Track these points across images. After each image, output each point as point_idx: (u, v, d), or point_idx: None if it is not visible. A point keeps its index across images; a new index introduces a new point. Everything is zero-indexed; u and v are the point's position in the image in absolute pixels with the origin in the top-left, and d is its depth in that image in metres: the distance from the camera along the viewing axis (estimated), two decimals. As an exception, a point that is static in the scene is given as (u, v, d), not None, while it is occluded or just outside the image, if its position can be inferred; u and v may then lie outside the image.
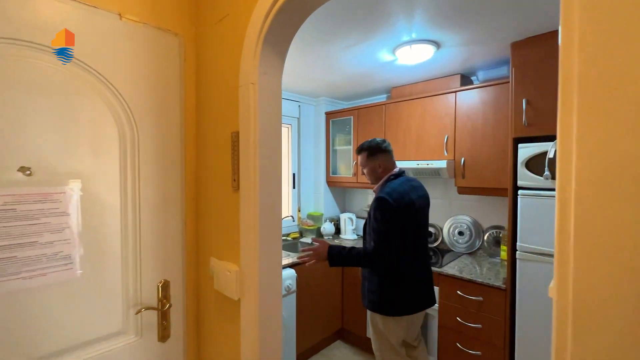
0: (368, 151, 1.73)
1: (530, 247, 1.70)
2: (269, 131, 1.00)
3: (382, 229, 1.54)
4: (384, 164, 1.70)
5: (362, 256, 1.60)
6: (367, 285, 1.70)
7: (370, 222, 1.63)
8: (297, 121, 3.17)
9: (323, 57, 2.09)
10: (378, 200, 1.57)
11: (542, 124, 1.69)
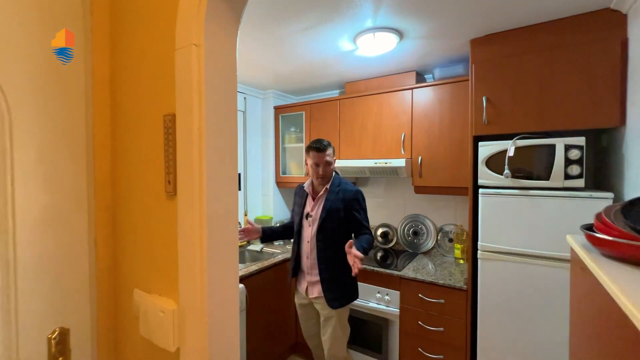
0: (332, 148, 1.82)
1: (491, 246, 1.69)
2: (220, 112, 0.73)
3: (367, 215, 1.84)
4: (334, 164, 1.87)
5: (370, 243, 1.76)
6: (338, 281, 1.76)
7: (347, 213, 1.79)
8: (242, 115, 2.84)
9: (276, 40, 1.84)
10: (358, 192, 1.84)
11: (502, 122, 1.68)
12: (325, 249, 1.76)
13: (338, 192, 1.79)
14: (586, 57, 1.48)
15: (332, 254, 1.75)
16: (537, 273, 1.56)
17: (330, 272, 1.75)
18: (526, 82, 1.61)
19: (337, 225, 1.76)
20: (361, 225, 1.79)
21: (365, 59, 2.09)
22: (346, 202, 1.77)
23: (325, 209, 1.77)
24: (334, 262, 1.75)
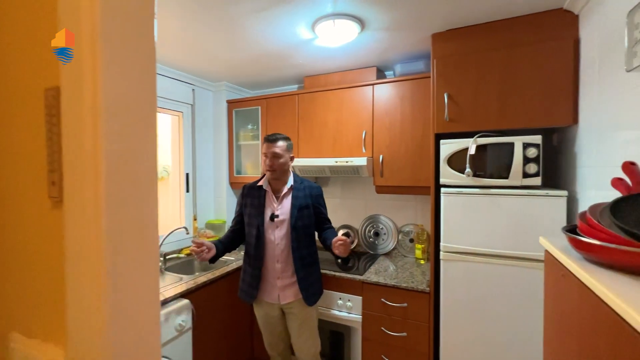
0: (287, 142, 1.74)
1: (453, 246, 1.64)
2: (128, 80, 0.53)
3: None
4: (292, 160, 1.78)
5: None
6: (308, 279, 1.74)
7: (314, 209, 1.80)
8: (190, 109, 2.56)
9: (226, 23, 1.63)
10: (320, 188, 1.86)
11: (463, 120, 1.65)
12: (299, 249, 1.72)
13: (304, 189, 1.77)
14: (542, 55, 1.48)
15: (305, 252, 1.74)
16: (500, 273, 1.54)
17: (305, 269, 1.73)
18: (487, 79, 1.58)
19: (308, 222, 1.75)
20: (326, 219, 1.85)
21: (325, 49, 1.96)
22: (313, 198, 1.78)
23: (295, 207, 1.71)
24: (308, 259, 1.76)
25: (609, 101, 1.16)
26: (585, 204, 1.38)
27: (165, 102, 2.35)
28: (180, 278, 1.96)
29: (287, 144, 1.72)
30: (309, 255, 1.76)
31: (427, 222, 2.30)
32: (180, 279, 1.94)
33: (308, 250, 1.76)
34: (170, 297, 1.67)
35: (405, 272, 2.03)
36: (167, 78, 2.32)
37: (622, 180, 0.76)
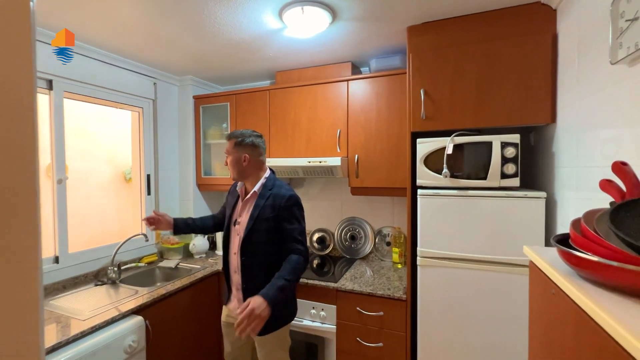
0: (236, 139, 1.51)
1: (430, 251, 1.55)
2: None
3: (303, 226, 1.50)
4: (251, 159, 1.51)
5: (299, 267, 1.41)
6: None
7: (276, 222, 1.45)
8: (151, 104, 2.35)
9: (185, 9, 1.46)
10: (292, 197, 1.48)
11: (441, 118, 1.56)
12: (251, 267, 1.46)
13: (269, 197, 1.47)
14: (520, 50, 1.42)
15: (258, 273, 1.44)
16: (479, 278, 1.47)
17: (254, 292, 1.34)
18: (464, 74, 1.51)
19: (266, 238, 1.44)
20: (291, 239, 1.43)
21: (296, 41, 1.83)
22: (276, 209, 1.44)
23: (252, 216, 1.46)
24: (261, 281, 1.38)
25: (590, 97, 1.10)
26: (564, 206, 1.32)
27: (123, 96, 2.13)
28: (135, 291, 1.77)
29: (237, 140, 1.49)
30: (264, 278, 1.38)
31: (404, 224, 2.22)
32: (136, 292, 1.75)
33: (263, 271, 1.43)
34: (118, 315, 1.48)
35: (381, 278, 1.93)
36: (124, 70, 2.11)
37: (612, 182, 0.68)
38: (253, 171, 1.51)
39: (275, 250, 1.45)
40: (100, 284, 1.86)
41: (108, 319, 1.44)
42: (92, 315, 1.47)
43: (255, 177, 1.52)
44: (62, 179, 1.80)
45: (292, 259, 1.39)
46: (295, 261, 1.39)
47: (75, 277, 1.85)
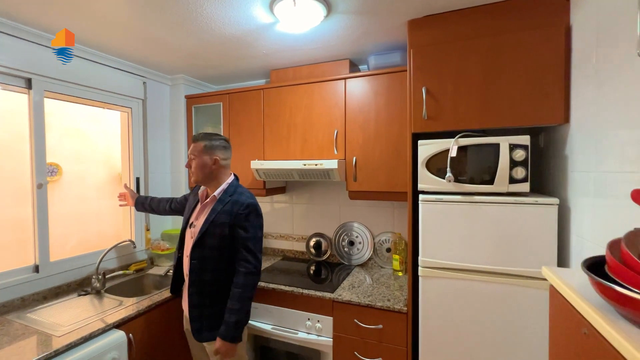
0: (206, 142, 1.48)
1: (433, 261, 1.45)
2: None
3: (259, 235, 1.47)
4: (221, 162, 1.49)
5: (247, 289, 1.40)
6: (201, 310, 1.43)
7: (231, 230, 1.42)
8: (140, 104, 2.26)
9: (173, 2, 1.36)
10: (250, 205, 1.45)
11: (444, 118, 1.45)
12: (200, 270, 1.43)
13: (227, 203, 1.45)
14: (530, 45, 1.31)
15: (207, 277, 1.43)
16: (485, 291, 1.36)
17: (200, 297, 1.43)
18: (469, 71, 1.40)
19: (218, 244, 1.42)
20: (244, 247, 1.40)
21: (289, 37, 1.72)
22: (233, 216, 1.42)
23: (207, 220, 1.44)
24: (209, 286, 1.43)
25: (611, 94, 0.99)
26: (579, 214, 1.21)
27: (109, 96, 2.04)
28: (120, 302, 1.67)
29: (205, 143, 1.46)
30: (210, 283, 1.42)
31: (404, 229, 2.11)
32: (120, 303, 1.65)
33: (212, 275, 1.42)
34: (98, 331, 1.38)
35: (381, 287, 1.82)
36: (110, 68, 2.01)
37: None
38: (218, 175, 1.49)
39: (226, 258, 1.43)
40: (84, 294, 1.76)
41: (86, 335, 1.34)
42: (69, 330, 1.37)
43: (218, 182, 1.50)
44: (43, 184, 1.70)
45: (237, 283, 1.39)
46: (241, 284, 1.38)
47: (57, 286, 1.75)
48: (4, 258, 1.64)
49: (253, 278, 1.41)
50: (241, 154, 2.23)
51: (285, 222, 2.50)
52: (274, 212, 2.54)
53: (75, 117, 3.38)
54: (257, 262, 1.43)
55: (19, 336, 1.33)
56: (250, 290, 1.41)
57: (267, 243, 2.56)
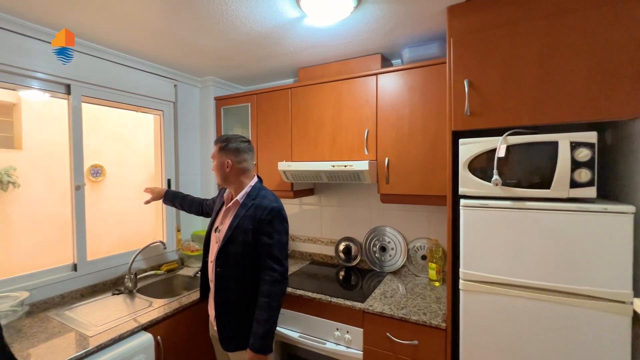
0: (221, 144, 1.46)
1: (477, 274, 1.29)
2: None
3: (284, 241, 1.41)
4: (234, 165, 1.44)
5: (274, 298, 1.33)
6: (227, 319, 1.39)
7: (254, 236, 1.36)
8: (171, 107, 2.29)
9: (198, 3, 1.33)
10: (274, 209, 1.39)
11: (489, 114, 1.30)
12: (224, 278, 1.39)
13: (250, 207, 1.39)
14: (597, 25, 1.12)
15: (232, 286, 1.38)
16: (537, 310, 1.19)
17: (226, 306, 1.39)
18: (521, 59, 1.23)
19: (242, 250, 1.37)
20: (268, 255, 1.35)
21: (317, 32, 1.64)
22: (256, 221, 1.36)
23: (231, 226, 1.39)
24: (234, 295, 1.38)
25: None
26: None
27: (142, 99, 2.08)
28: (150, 303, 1.68)
29: (221, 145, 1.45)
30: (236, 291, 1.37)
31: (443, 236, 1.95)
32: (150, 304, 1.66)
33: (237, 283, 1.37)
34: (127, 332, 1.38)
35: (416, 298, 1.68)
36: (143, 72, 2.05)
37: None
38: (237, 178, 1.45)
39: (251, 265, 1.38)
40: (118, 293, 1.81)
41: (115, 337, 1.35)
42: (101, 331, 1.39)
43: (240, 185, 1.46)
44: (80, 185, 1.76)
45: (263, 292, 1.33)
46: (268, 294, 1.32)
47: (93, 285, 1.81)
48: (51, 256, 1.73)
49: (279, 286, 1.35)
50: (269, 155, 2.19)
51: (314, 225, 2.43)
52: (302, 214, 2.47)
53: (117, 121, 3.57)
54: (283, 269, 1.37)
55: (55, 334, 1.37)
56: (277, 299, 1.34)
57: (295, 246, 2.50)
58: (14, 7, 1.37)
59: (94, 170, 3.41)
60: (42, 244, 2.93)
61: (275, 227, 1.37)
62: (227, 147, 1.44)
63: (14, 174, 2.83)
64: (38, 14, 1.43)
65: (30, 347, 1.27)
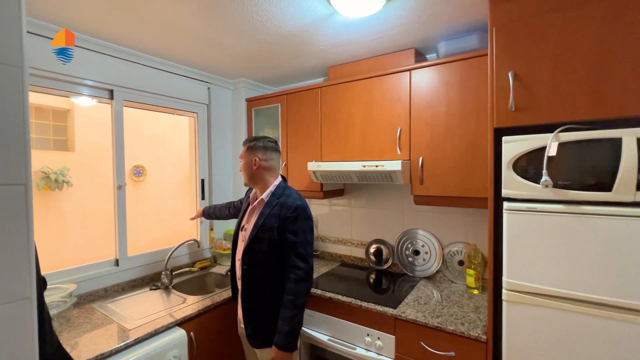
0: (249, 144, 1.50)
1: (522, 284, 1.18)
2: None
3: (309, 239, 1.41)
4: (260, 164, 1.47)
5: (299, 296, 1.34)
6: (254, 317, 1.42)
7: (279, 234, 1.38)
8: (205, 109, 2.36)
9: (228, 5, 1.35)
10: (299, 208, 1.40)
11: (537, 108, 1.18)
12: (251, 276, 1.42)
13: (275, 206, 1.41)
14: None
15: (259, 283, 1.41)
16: (592, 327, 1.06)
17: (253, 304, 1.42)
18: (576, 47, 1.10)
19: (267, 249, 1.39)
20: (293, 253, 1.36)
21: (347, 27, 1.60)
22: (281, 219, 1.38)
23: (257, 225, 1.42)
24: (260, 294, 1.41)
25: None
26: None
27: (178, 102, 2.16)
28: (184, 299, 1.74)
29: (249, 144, 1.49)
30: (263, 290, 1.41)
31: (482, 241, 1.83)
32: (184, 301, 1.72)
33: (263, 281, 1.40)
34: (162, 328, 1.43)
35: (452, 307, 1.58)
36: (179, 76, 2.13)
37: None
38: (263, 177, 1.48)
39: (276, 263, 1.40)
40: (155, 288, 1.88)
41: (151, 331, 1.40)
42: (139, 325, 1.45)
43: (265, 184, 1.48)
44: (122, 185, 1.86)
45: (289, 290, 1.34)
46: (292, 292, 1.33)
47: (133, 279, 1.90)
48: (100, 250, 1.86)
49: (304, 285, 1.36)
50: (298, 156, 2.18)
51: (344, 226, 2.39)
52: (332, 215, 2.44)
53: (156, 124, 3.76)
54: (308, 268, 1.38)
55: (99, 325, 1.45)
56: (302, 297, 1.36)
57: (324, 247, 2.47)
58: (63, 19, 1.47)
59: (137, 171, 3.62)
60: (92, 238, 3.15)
61: (300, 224, 1.38)
62: (255, 146, 1.48)
63: (67, 174, 3.08)
64: (85, 26, 1.53)
65: (76, 337, 1.35)
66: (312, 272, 1.40)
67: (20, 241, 0.66)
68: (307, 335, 1.80)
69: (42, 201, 3.08)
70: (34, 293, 0.69)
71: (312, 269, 1.40)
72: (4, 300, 0.64)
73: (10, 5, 0.63)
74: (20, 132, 0.66)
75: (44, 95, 1.73)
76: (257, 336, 1.42)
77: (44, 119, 3.18)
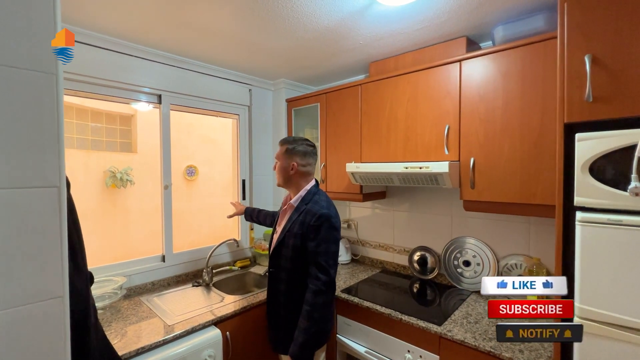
0: (288, 145, 1.46)
1: (600, 312, 0.97)
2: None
3: (332, 250, 1.34)
4: (298, 168, 1.43)
5: (316, 308, 1.28)
6: (278, 320, 1.43)
7: (302, 241, 1.34)
8: (247, 110, 2.39)
9: (264, 4, 1.33)
10: (323, 216, 1.32)
11: (623, 97, 0.96)
12: (276, 279, 1.43)
13: (302, 212, 1.38)
14: None
15: (282, 288, 1.40)
16: None
17: (276, 306, 1.43)
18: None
19: (292, 255, 1.37)
20: (314, 263, 1.30)
21: (388, 17, 1.47)
22: (305, 227, 1.34)
23: (284, 230, 1.41)
24: (283, 297, 1.40)
25: None
26: None
27: (221, 105, 2.22)
28: (222, 298, 1.77)
29: (288, 147, 1.45)
30: (285, 294, 1.39)
31: (546, 255, 1.58)
32: (222, 299, 1.74)
33: (287, 286, 1.39)
34: (198, 326, 1.46)
35: (508, 329, 1.38)
36: (221, 79, 2.19)
37: None
38: (297, 181, 1.45)
39: (300, 270, 1.36)
40: (197, 285, 1.95)
41: (189, 329, 1.43)
42: (179, 321, 1.49)
43: (298, 188, 1.46)
44: (168, 185, 1.95)
45: (307, 300, 1.28)
46: (310, 303, 1.27)
47: (177, 275, 1.99)
48: (158, 244, 1.98)
49: (323, 297, 1.29)
50: (337, 156, 2.11)
51: (385, 231, 2.26)
52: (373, 219, 2.32)
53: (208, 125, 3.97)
54: (329, 279, 1.31)
55: (144, 318, 1.53)
56: (320, 310, 1.29)
57: (365, 252, 2.37)
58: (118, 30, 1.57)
59: (190, 170, 3.85)
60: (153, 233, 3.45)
61: (323, 234, 1.31)
62: (295, 149, 1.45)
63: (131, 173, 3.40)
64: (135, 34, 1.62)
65: (124, 327, 1.44)
66: (333, 284, 1.35)
67: (53, 242, 0.68)
68: (342, 343, 1.72)
69: (110, 198, 3.42)
70: (67, 292, 0.71)
71: (333, 281, 1.34)
72: (36, 299, 0.66)
73: (46, 19, 0.66)
74: (54, 137, 0.68)
75: (112, 103, 1.89)
76: (278, 340, 1.41)
77: (112, 124, 3.53)
